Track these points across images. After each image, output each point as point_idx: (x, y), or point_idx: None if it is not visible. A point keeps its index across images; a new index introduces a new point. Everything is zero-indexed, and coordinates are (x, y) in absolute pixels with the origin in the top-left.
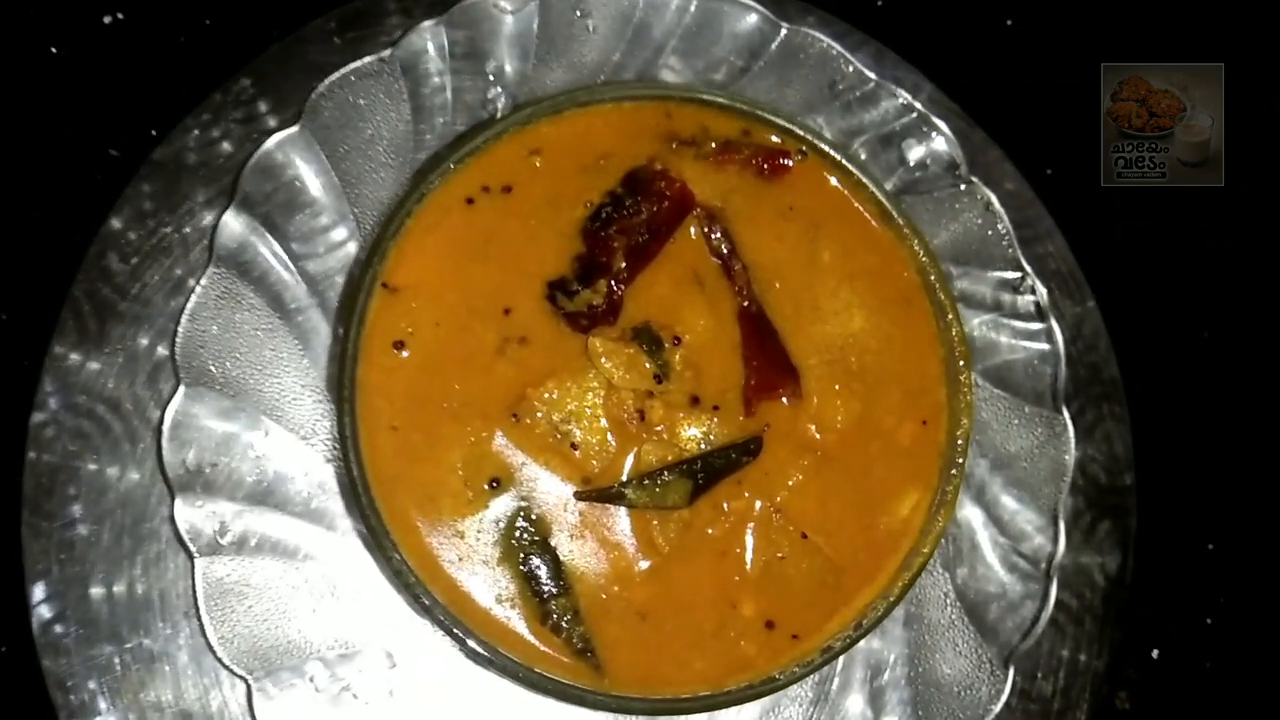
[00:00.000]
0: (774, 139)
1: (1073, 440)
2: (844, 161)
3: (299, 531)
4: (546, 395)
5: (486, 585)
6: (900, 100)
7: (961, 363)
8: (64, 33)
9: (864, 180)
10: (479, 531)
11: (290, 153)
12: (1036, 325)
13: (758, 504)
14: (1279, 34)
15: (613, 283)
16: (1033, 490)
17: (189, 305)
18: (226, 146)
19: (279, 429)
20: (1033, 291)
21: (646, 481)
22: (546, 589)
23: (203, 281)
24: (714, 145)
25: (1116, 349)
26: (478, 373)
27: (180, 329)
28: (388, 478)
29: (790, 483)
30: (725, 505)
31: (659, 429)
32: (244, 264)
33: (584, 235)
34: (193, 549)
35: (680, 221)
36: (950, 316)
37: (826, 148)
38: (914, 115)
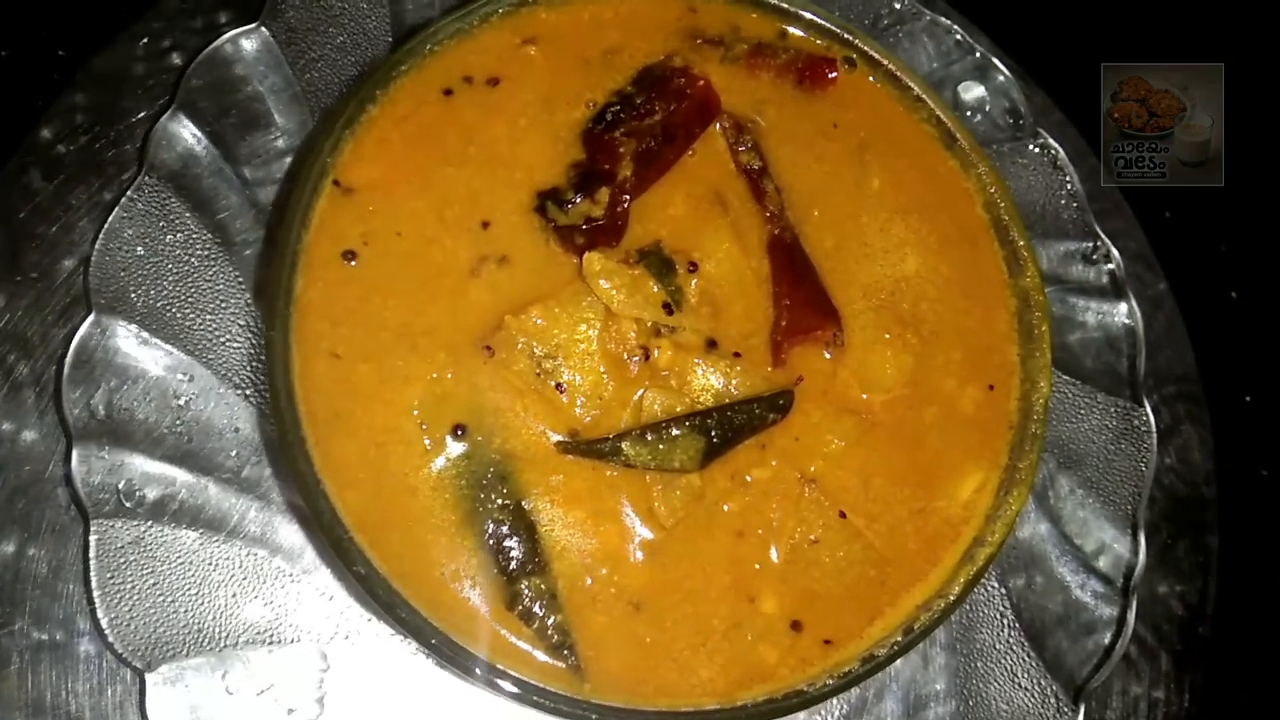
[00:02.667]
0: (817, 42)
1: (1155, 436)
2: (900, 73)
3: (223, 499)
4: (530, 324)
5: (441, 557)
6: (956, 36)
7: (1038, 314)
8: None
9: (924, 97)
10: (435, 489)
11: (247, 57)
12: (1111, 302)
13: (787, 474)
14: (1279, 34)
15: (617, 193)
16: (1105, 493)
17: (110, 218)
18: (177, 59)
19: (208, 375)
20: (1107, 259)
21: (649, 435)
22: (517, 565)
23: (129, 193)
24: (745, 48)
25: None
26: (445, 295)
27: (97, 245)
28: (325, 416)
29: (827, 451)
30: (747, 476)
31: (665, 374)
32: (182, 179)
33: (584, 140)
34: (88, 507)
35: (702, 128)
36: (1025, 261)
37: (880, 57)
38: (975, 55)
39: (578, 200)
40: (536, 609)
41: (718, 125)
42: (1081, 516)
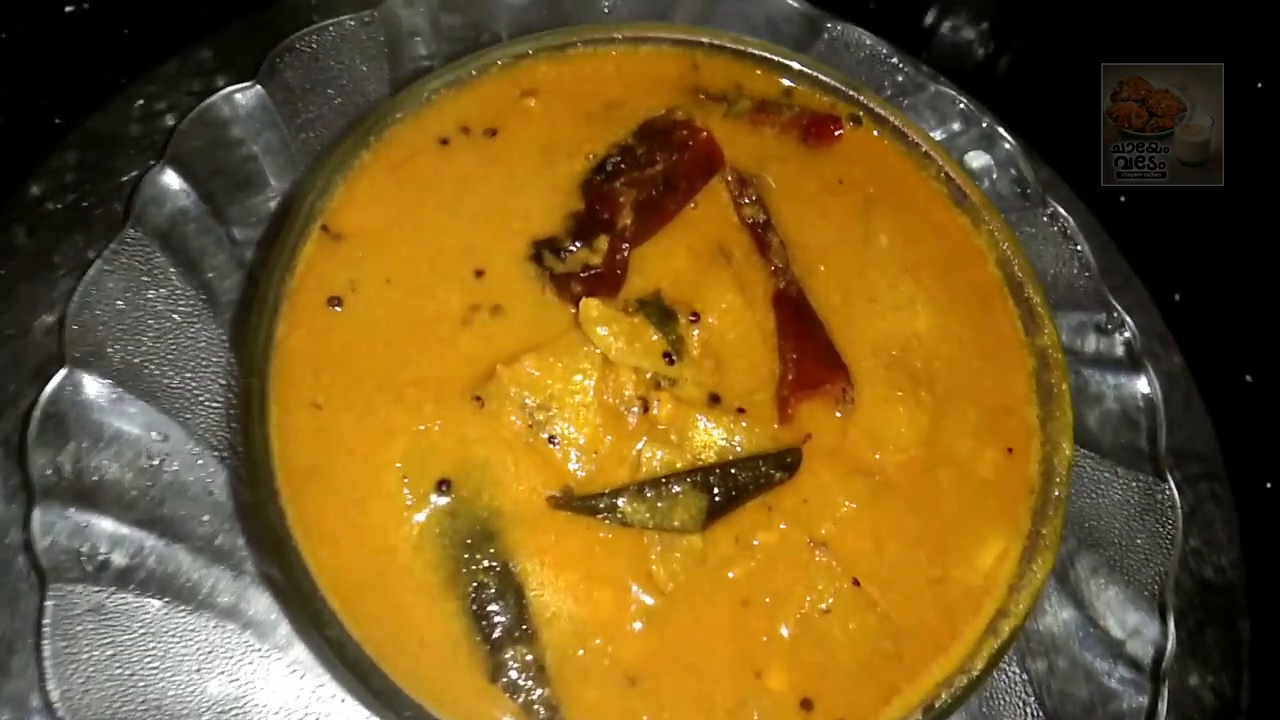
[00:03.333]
0: (822, 99)
1: (1179, 511)
2: (908, 130)
3: (194, 567)
4: (523, 373)
5: (420, 622)
6: (961, 105)
7: (1056, 374)
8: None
9: (932, 154)
10: (416, 548)
11: (242, 116)
12: (1128, 375)
13: (795, 539)
14: (1279, 34)
15: (617, 241)
16: (1129, 573)
17: (91, 270)
18: (170, 120)
19: (183, 435)
20: (1121, 329)
21: (648, 491)
22: (502, 632)
23: (113, 245)
24: (749, 104)
25: None
26: (434, 344)
27: (75, 297)
28: (301, 468)
29: (838, 514)
30: (754, 540)
31: (665, 428)
32: (169, 236)
33: (583, 190)
34: (46, 570)
35: (705, 180)
36: (1042, 319)
37: (887, 113)
38: (981, 125)
39: (575, 248)
40: (522, 681)
41: (721, 178)
42: (1105, 598)
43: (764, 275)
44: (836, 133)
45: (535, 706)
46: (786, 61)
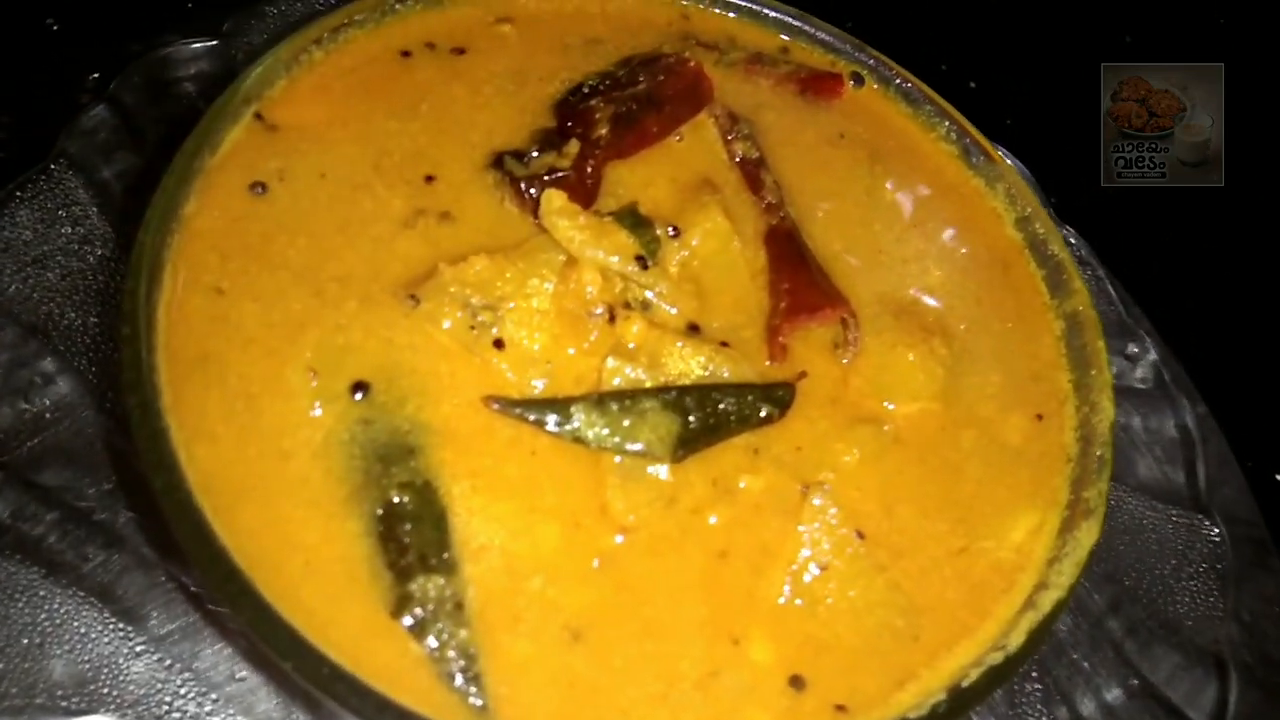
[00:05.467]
0: (822, 56)
1: (1229, 545)
2: (915, 89)
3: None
4: (469, 272)
5: (310, 539)
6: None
7: (1090, 333)
8: None
9: (944, 119)
10: (317, 455)
11: (192, 73)
12: (1155, 404)
13: (787, 487)
14: (1279, 34)
15: (588, 149)
16: (1171, 622)
17: None
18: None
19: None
20: (1147, 355)
21: (611, 404)
22: (414, 558)
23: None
24: (742, 55)
25: None
26: (368, 243)
27: None
28: (187, 355)
29: (838, 464)
30: (740, 482)
31: (633, 348)
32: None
33: (556, 110)
34: None
35: (691, 111)
36: (1069, 278)
37: (894, 73)
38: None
39: (539, 154)
40: (432, 619)
41: (709, 114)
42: (1155, 653)
43: (755, 213)
44: (839, 90)
45: (447, 652)
46: (784, 18)
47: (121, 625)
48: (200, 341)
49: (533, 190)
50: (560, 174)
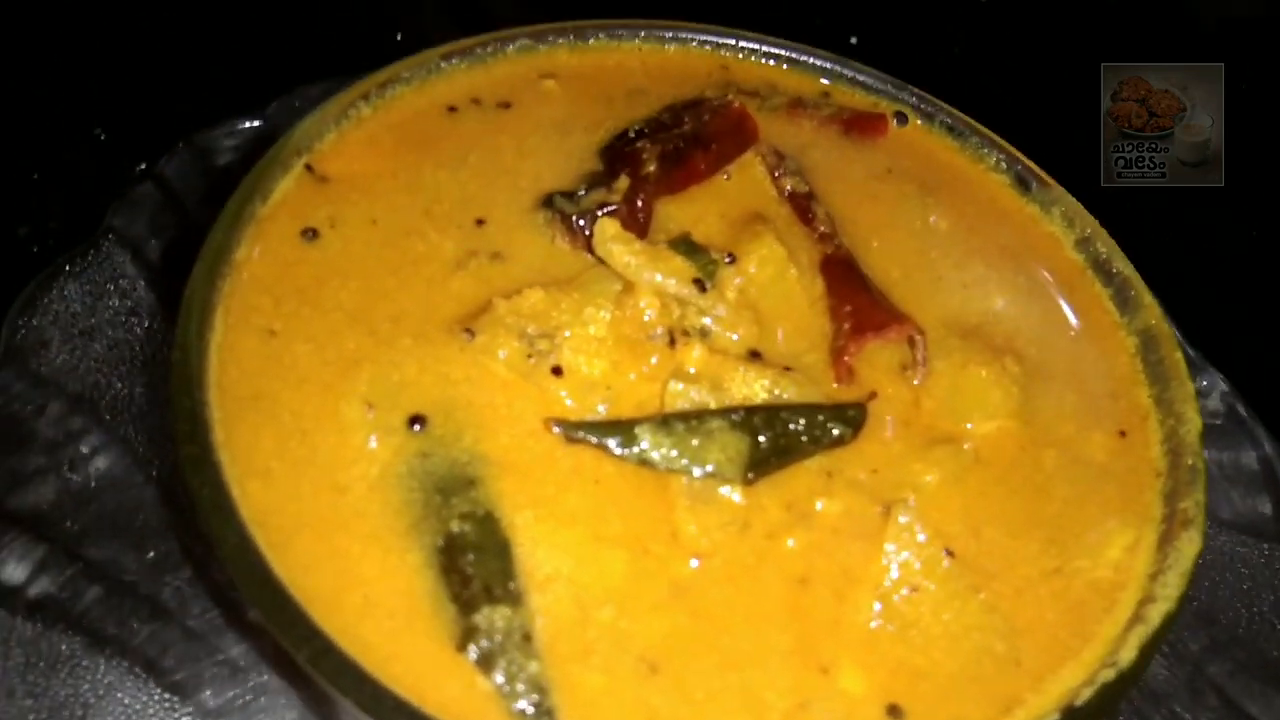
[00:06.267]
0: (864, 98)
1: None
2: (961, 125)
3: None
4: (524, 304)
5: (369, 573)
6: None
7: (1166, 347)
8: None
9: (993, 150)
10: (374, 488)
11: (236, 148)
12: (1228, 438)
13: (865, 510)
14: (1279, 34)
15: (638, 185)
16: (1258, 654)
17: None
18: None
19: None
20: (1218, 384)
21: (678, 424)
22: (479, 589)
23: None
24: (783, 100)
25: None
26: (421, 284)
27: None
28: (239, 395)
29: (918, 485)
30: (816, 504)
31: (695, 374)
32: (141, 247)
33: (603, 154)
34: None
35: (738, 150)
36: (1138, 295)
37: (936, 109)
38: None
39: (587, 192)
40: (501, 652)
41: (756, 153)
42: (1262, 695)
43: (808, 244)
44: (884, 130)
45: (516, 685)
46: (825, 64)
47: (168, 697)
48: (252, 380)
49: (584, 224)
50: (611, 208)
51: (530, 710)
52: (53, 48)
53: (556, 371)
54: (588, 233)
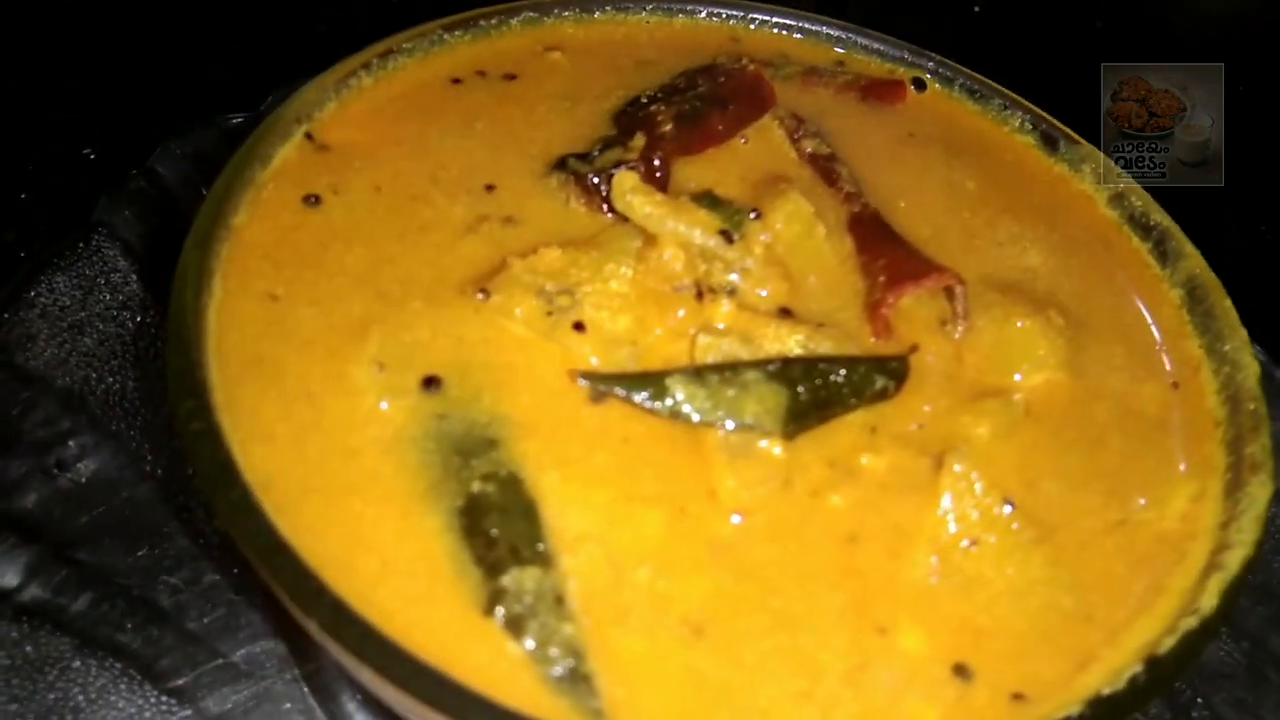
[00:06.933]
0: (880, 65)
1: None
2: (987, 91)
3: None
4: (541, 262)
5: (383, 538)
6: None
7: (1214, 295)
8: None
9: (1016, 110)
10: (388, 451)
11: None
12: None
13: (914, 464)
14: (1279, 34)
15: (654, 143)
16: None
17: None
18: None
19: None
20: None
21: (711, 376)
22: (506, 551)
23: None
24: (798, 69)
25: None
26: (430, 248)
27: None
28: (241, 359)
29: (969, 437)
30: (862, 459)
31: (722, 327)
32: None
33: (616, 119)
34: None
35: (755, 113)
36: (1179, 245)
37: (955, 74)
38: None
39: (601, 153)
40: (531, 614)
41: (773, 117)
42: None
43: (834, 204)
44: (903, 96)
45: (549, 650)
46: (837, 32)
47: (166, 700)
48: (254, 344)
49: (599, 182)
50: (628, 165)
51: (566, 675)
52: (44, 45)
53: (579, 327)
54: (604, 190)
